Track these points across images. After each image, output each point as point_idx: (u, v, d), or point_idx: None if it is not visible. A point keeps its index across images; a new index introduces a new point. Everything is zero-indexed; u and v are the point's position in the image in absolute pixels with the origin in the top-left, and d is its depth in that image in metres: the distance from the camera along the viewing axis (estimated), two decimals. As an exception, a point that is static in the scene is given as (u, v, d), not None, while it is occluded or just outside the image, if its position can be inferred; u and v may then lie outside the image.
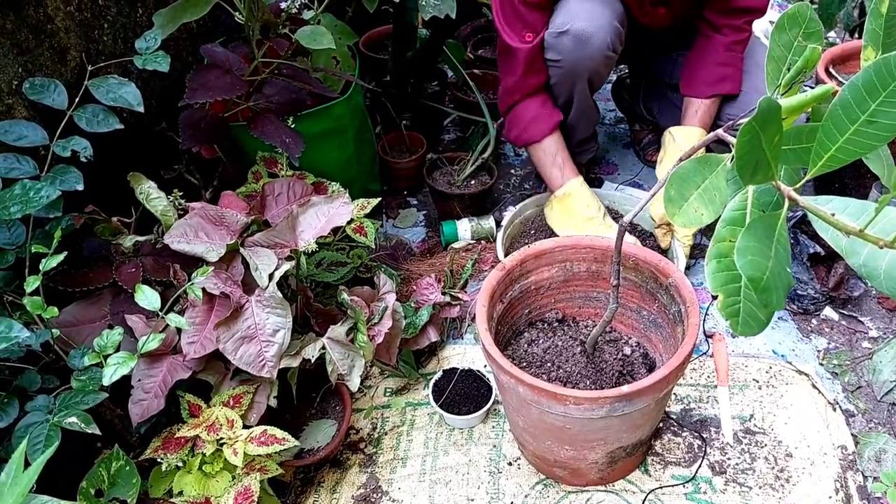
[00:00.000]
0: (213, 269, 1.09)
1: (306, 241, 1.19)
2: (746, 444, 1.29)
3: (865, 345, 1.46)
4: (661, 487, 1.23)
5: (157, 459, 1.07)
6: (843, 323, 1.51)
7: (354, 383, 1.19)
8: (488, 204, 1.88)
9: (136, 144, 1.37)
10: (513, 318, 1.31)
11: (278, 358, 1.11)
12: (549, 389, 1.02)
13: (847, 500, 1.19)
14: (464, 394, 1.36)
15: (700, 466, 1.26)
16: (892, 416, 1.32)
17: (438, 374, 1.39)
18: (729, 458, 1.27)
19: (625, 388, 1.01)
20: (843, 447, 1.27)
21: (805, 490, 1.21)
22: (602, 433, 1.09)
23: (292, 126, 1.46)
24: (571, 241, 1.30)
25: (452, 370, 1.39)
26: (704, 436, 1.30)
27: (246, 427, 1.10)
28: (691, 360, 1.42)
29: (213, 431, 1.07)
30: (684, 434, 1.31)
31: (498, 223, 1.71)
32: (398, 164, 1.92)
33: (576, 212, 1.60)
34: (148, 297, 1.00)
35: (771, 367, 1.42)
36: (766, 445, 1.28)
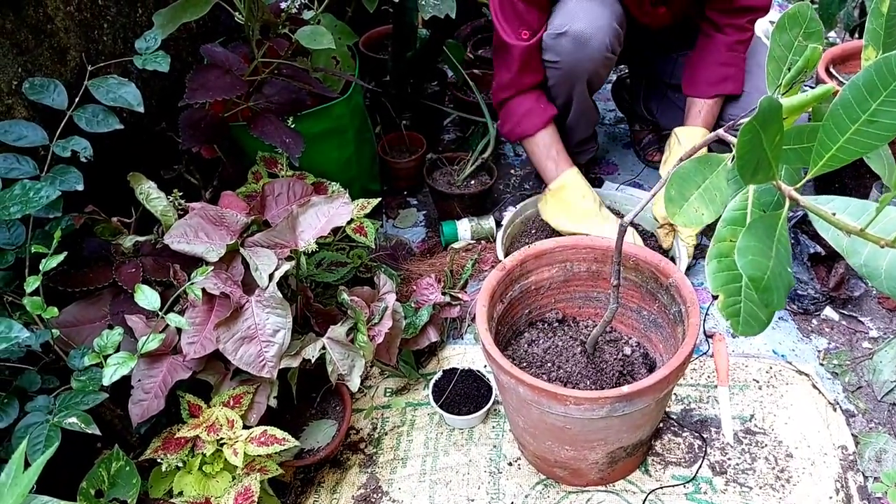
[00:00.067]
0: (212, 269, 1.09)
1: (306, 241, 1.19)
2: (747, 445, 1.29)
3: (866, 345, 1.46)
4: (661, 488, 1.23)
5: (157, 460, 1.07)
6: (844, 323, 1.51)
7: (354, 383, 1.19)
8: (488, 204, 1.88)
9: (135, 144, 1.37)
10: (513, 319, 1.31)
11: (278, 358, 1.11)
12: (549, 389, 1.02)
13: (847, 500, 1.19)
14: (464, 394, 1.36)
15: (700, 467, 1.26)
16: (892, 416, 1.32)
17: (438, 375, 1.39)
18: (729, 459, 1.27)
19: (625, 389, 1.01)
20: (844, 447, 1.27)
21: (805, 490, 1.21)
22: (602, 433, 1.09)
23: (292, 126, 1.46)
24: (572, 241, 1.30)
25: (452, 370, 1.39)
26: (705, 436, 1.30)
27: (246, 427, 1.10)
28: (691, 360, 1.42)
29: (214, 432, 1.07)
30: (685, 434, 1.31)
31: (498, 223, 1.71)
32: (398, 164, 1.92)
33: (571, 204, 1.58)
34: (148, 297, 1.00)
35: (771, 368, 1.42)
36: (766, 445, 1.28)
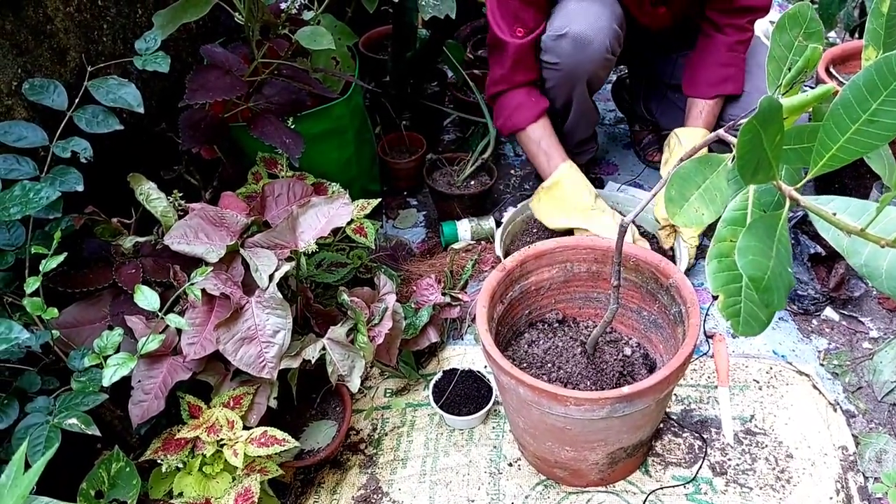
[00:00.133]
0: (212, 269, 1.09)
1: (306, 241, 1.18)
2: (747, 445, 1.29)
3: (866, 345, 1.46)
4: (661, 488, 1.23)
5: (158, 461, 1.06)
6: (844, 323, 1.51)
7: (355, 384, 1.18)
8: (488, 204, 1.87)
9: (135, 145, 1.37)
10: (513, 319, 1.31)
11: (278, 359, 1.11)
12: (549, 390, 1.01)
13: (848, 500, 1.19)
14: (464, 395, 1.35)
15: (701, 467, 1.26)
16: (892, 416, 1.32)
17: (438, 375, 1.39)
18: (729, 459, 1.27)
19: (625, 389, 1.01)
20: (844, 448, 1.26)
21: (806, 491, 1.21)
22: (603, 434, 1.09)
23: (292, 127, 1.46)
24: (572, 241, 1.30)
25: (452, 371, 1.39)
26: (705, 436, 1.30)
27: (246, 428, 1.10)
28: (692, 360, 1.42)
29: (214, 432, 1.07)
30: (685, 435, 1.31)
31: (498, 224, 1.71)
32: (398, 165, 1.92)
33: (566, 198, 1.55)
34: (147, 297, 1.00)
35: (771, 368, 1.42)
36: (766, 446, 1.28)
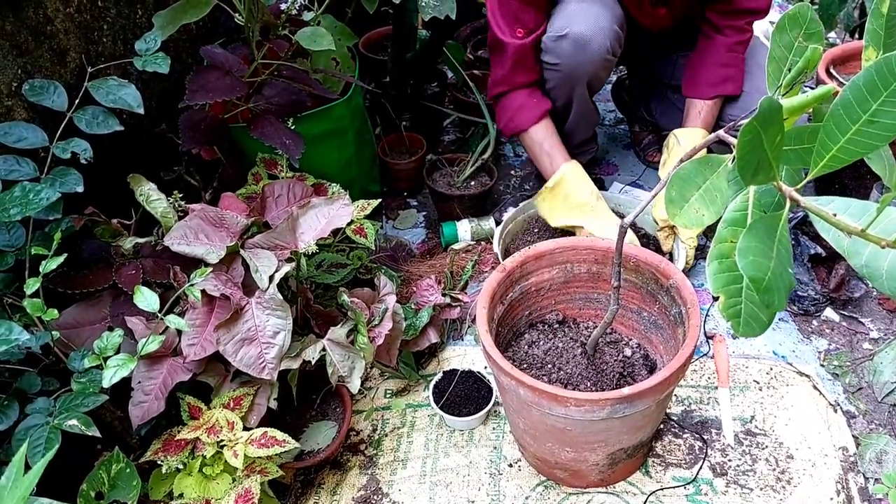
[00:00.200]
0: (212, 270, 1.09)
1: (306, 242, 1.18)
2: (747, 446, 1.29)
3: (866, 346, 1.46)
4: (662, 489, 1.23)
5: (158, 462, 1.06)
6: (844, 324, 1.51)
7: (355, 385, 1.18)
8: (488, 205, 1.87)
9: (135, 146, 1.37)
10: (513, 320, 1.31)
11: (279, 360, 1.11)
12: (549, 391, 1.01)
13: (848, 501, 1.19)
14: (464, 395, 1.35)
15: (701, 468, 1.25)
16: (893, 417, 1.32)
17: (439, 376, 1.39)
18: (730, 460, 1.27)
19: (625, 390, 1.01)
20: (845, 448, 1.26)
21: (806, 492, 1.21)
22: (603, 435, 1.09)
23: (292, 127, 1.46)
24: (572, 242, 1.30)
25: (453, 372, 1.39)
26: (705, 437, 1.30)
27: (246, 429, 1.10)
28: (692, 361, 1.42)
29: (214, 433, 1.06)
30: (685, 435, 1.31)
31: (498, 224, 1.71)
32: (398, 166, 1.92)
33: (569, 196, 1.56)
34: (147, 298, 1.00)
35: (772, 369, 1.42)
36: (766, 447, 1.28)
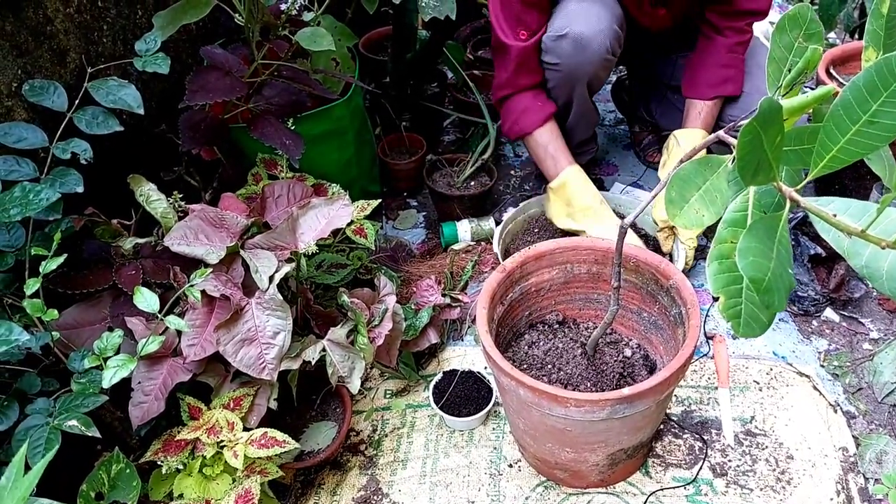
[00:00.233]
0: (212, 271, 1.09)
1: (306, 243, 1.18)
2: (747, 446, 1.29)
3: (866, 346, 1.46)
4: (661, 489, 1.23)
5: (158, 462, 1.06)
6: (844, 324, 1.51)
7: (355, 385, 1.18)
8: (488, 205, 1.87)
9: (135, 146, 1.37)
10: (513, 320, 1.31)
11: (279, 360, 1.11)
12: (549, 392, 1.01)
13: (848, 502, 1.19)
14: (464, 396, 1.35)
15: (701, 468, 1.25)
16: (893, 417, 1.32)
17: (439, 376, 1.39)
18: (730, 460, 1.27)
19: (625, 391, 1.01)
20: (844, 449, 1.26)
21: (806, 492, 1.21)
22: (603, 435, 1.09)
23: (292, 128, 1.46)
24: (572, 242, 1.30)
25: (453, 372, 1.39)
26: (705, 437, 1.30)
27: (246, 429, 1.10)
28: (692, 361, 1.42)
29: (214, 434, 1.06)
30: (685, 436, 1.31)
31: (498, 224, 1.71)
32: (398, 166, 1.92)
33: (572, 200, 1.57)
34: (147, 299, 1.00)
35: (772, 369, 1.42)
36: (766, 447, 1.28)
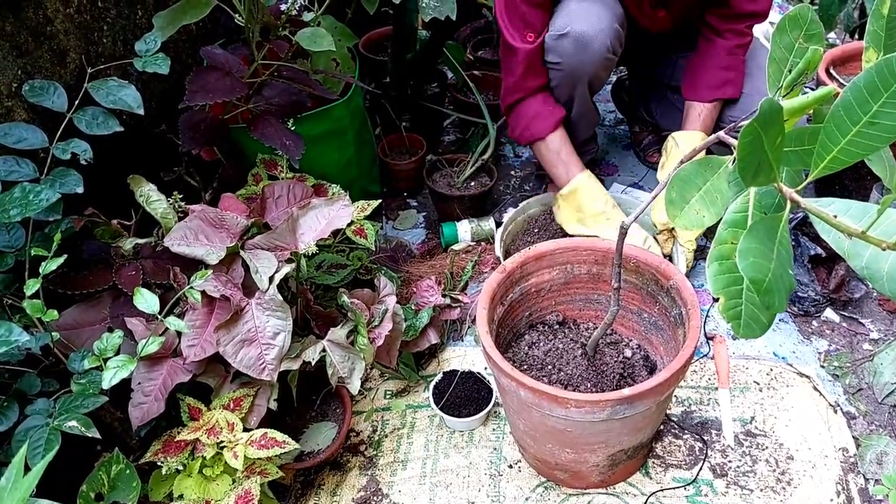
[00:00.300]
0: (212, 271, 1.09)
1: (306, 243, 1.18)
2: (747, 447, 1.28)
3: (866, 347, 1.46)
4: (662, 490, 1.23)
5: (158, 463, 1.06)
6: (844, 325, 1.51)
7: (355, 386, 1.18)
8: (488, 205, 1.87)
9: (135, 147, 1.37)
10: (513, 321, 1.31)
11: (279, 361, 1.11)
12: (549, 392, 1.01)
13: (848, 502, 1.19)
14: (464, 396, 1.35)
15: (701, 469, 1.25)
16: (893, 418, 1.32)
17: (439, 377, 1.39)
18: (730, 461, 1.26)
19: (626, 391, 1.01)
20: (845, 449, 1.26)
21: (806, 493, 1.21)
22: (603, 436, 1.09)
23: (292, 128, 1.46)
24: (572, 243, 1.29)
25: (453, 372, 1.39)
26: (705, 438, 1.30)
27: (246, 430, 1.10)
28: (692, 362, 1.42)
29: (214, 435, 1.06)
30: (685, 436, 1.31)
31: (498, 224, 1.71)
32: (398, 166, 1.92)
33: (583, 206, 1.58)
34: (147, 300, 1.00)
35: (772, 370, 1.41)
36: (767, 448, 1.28)
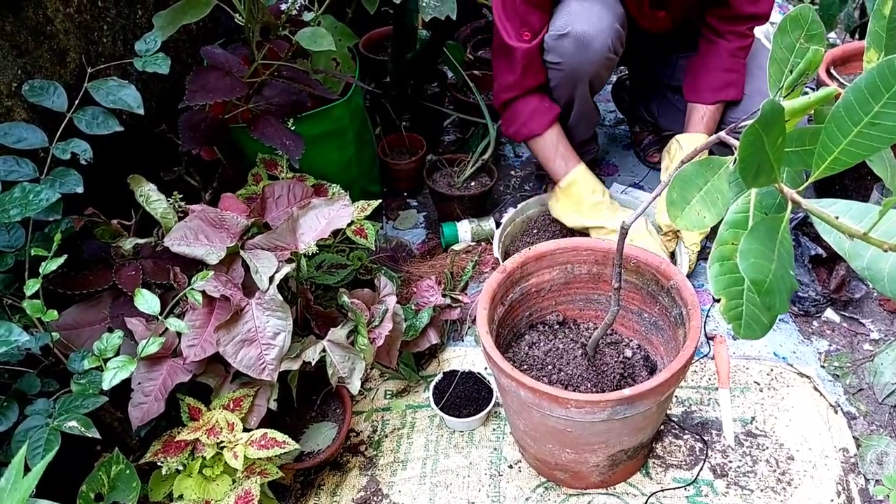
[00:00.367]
0: (212, 272, 1.09)
1: (307, 243, 1.18)
2: (748, 447, 1.28)
3: (867, 347, 1.46)
4: (662, 490, 1.23)
5: (158, 463, 1.06)
6: (845, 325, 1.51)
7: (355, 386, 1.18)
8: (488, 205, 1.87)
9: (135, 146, 1.37)
10: (513, 321, 1.31)
11: (279, 361, 1.11)
12: (550, 392, 1.01)
13: (849, 502, 1.19)
14: (464, 396, 1.35)
15: (701, 469, 1.25)
16: (893, 418, 1.32)
17: (439, 377, 1.39)
18: (730, 461, 1.26)
19: (626, 392, 1.01)
20: (845, 450, 1.26)
21: (807, 493, 1.21)
22: (603, 436, 1.08)
23: (292, 128, 1.46)
24: (572, 243, 1.29)
25: (453, 372, 1.39)
26: (706, 438, 1.30)
27: (246, 430, 1.10)
28: (692, 362, 1.42)
29: (214, 435, 1.06)
30: (686, 437, 1.31)
31: (498, 224, 1.71)
32: (398, 166, 1.92)
33: (581, 198, 1.59)
34: (147, 300, 1.00)
35: (772, 370, 1.41)
36: (767, 448, 1.28)
